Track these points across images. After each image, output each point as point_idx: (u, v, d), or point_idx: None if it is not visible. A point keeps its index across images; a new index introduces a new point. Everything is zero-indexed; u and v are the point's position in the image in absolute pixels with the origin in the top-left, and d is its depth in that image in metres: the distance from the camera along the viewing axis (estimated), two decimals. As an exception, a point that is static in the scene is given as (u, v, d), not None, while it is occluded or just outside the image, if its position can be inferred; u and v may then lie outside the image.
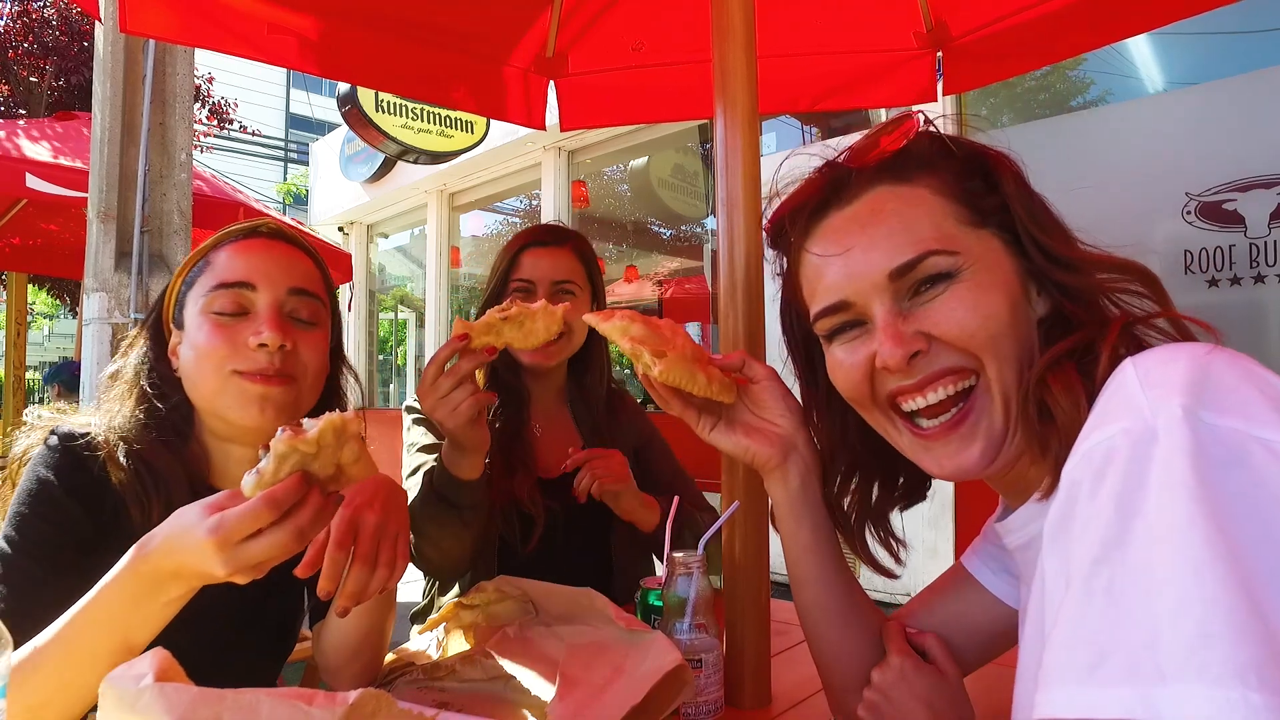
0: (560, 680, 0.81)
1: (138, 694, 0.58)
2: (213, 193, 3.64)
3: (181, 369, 0.99)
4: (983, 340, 0.65)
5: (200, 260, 1.01)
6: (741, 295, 1.03)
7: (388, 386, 9.39)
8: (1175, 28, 1.57)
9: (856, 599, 0.86)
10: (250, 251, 1.00)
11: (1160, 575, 0.42)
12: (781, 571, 0.88)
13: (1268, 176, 2.85)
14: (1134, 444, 0.46)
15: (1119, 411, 0.49)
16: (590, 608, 0.99)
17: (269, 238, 1.03)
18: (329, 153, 8.50)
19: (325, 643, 1.03)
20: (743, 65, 1.03)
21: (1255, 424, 0.45)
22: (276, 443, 0.68)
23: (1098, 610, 0.44)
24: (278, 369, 0.95)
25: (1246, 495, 0.43)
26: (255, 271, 0.98)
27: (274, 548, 0.68)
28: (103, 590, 0.72)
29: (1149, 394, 0.48)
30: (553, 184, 6.18)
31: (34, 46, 8.18)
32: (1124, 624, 0.42)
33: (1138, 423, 0.47)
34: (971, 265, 0.66)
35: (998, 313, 0.65)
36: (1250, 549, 0.41)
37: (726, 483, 1.03)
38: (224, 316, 0.95)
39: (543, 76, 1.94)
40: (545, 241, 1.50)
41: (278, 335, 0.94)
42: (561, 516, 1.42)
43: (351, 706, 0.60)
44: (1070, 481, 0.50)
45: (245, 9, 1.46)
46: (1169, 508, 0.43)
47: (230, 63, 13.62)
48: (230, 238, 1.02)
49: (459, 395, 1.05)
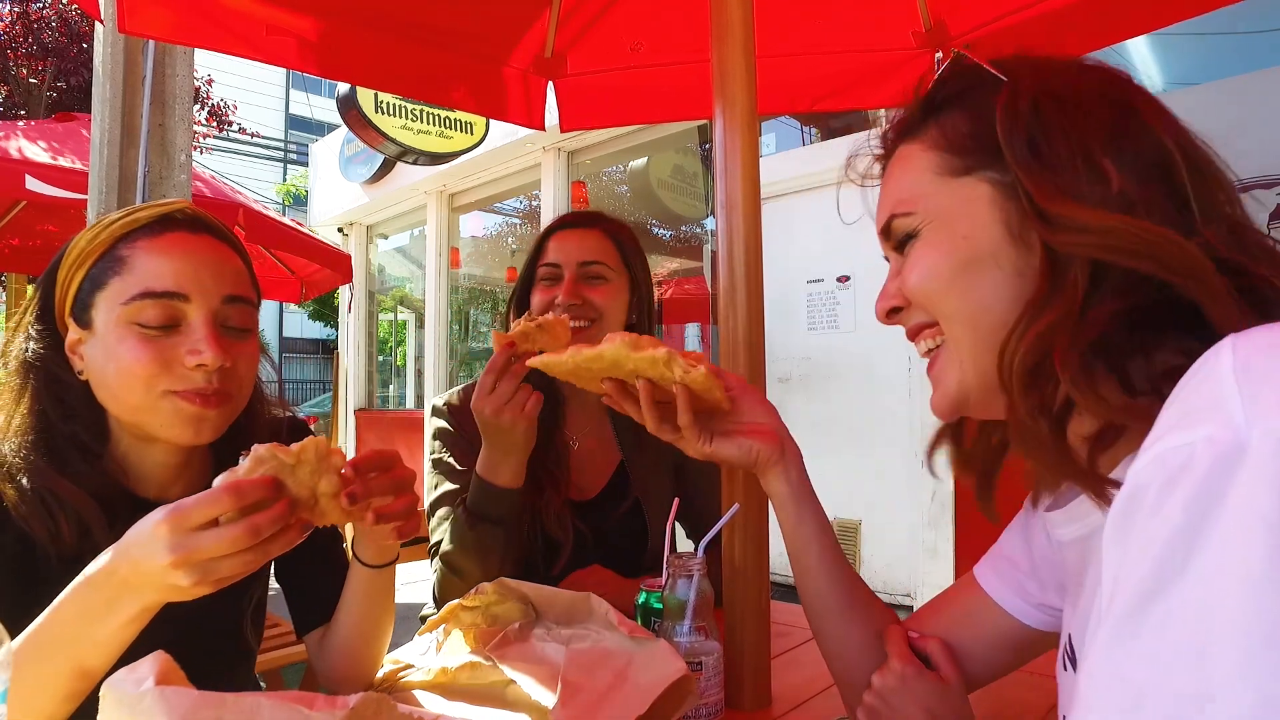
0: (562, 686, 0.81)
1: (138, 698, 0.57)
2: (212, 194, 3.64)
3: (91, 373, 0.87)
4: (922, 297, 0.65)
5: (105, 251, 0.86)
6: (741, 296, 1.02)
7: (387, 387, 9.39)
8: (1175, 28, 1.57)
9: (858, 590, 0.87)
10: (175, 251, 0.87)
11: (1220, 624, 0.36)
12: (781, 573, 0.88)
13: (1268, 176, 2.85)
14: (1215, 459, 0.38)
15: (1205, 411, 0.40)
16: (591, 612, 0.99)
17: (190, 230, 0.90)
18: (328, 154, 8.50)
19: (324, 647, 1.03)
20: (742, 65, 1.03)
21: None
22: (258, 448, 0.68)
23: (1144, 647, 0.38)
24: (215, 388, 0.87)
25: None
26: (186, 279, 0.86)
27: (227, 542, 0.64)
28: (53, 612, 0.69)
29: (1245, 393, 0.39)
30: (552, 185, 6.18)
31: (33, 48, 8.18)
32: (1172, 669, 0.37)
33: (1225, 431, 0.38)
34: (930, 222, 0.65)
35: (936, 270, 0.64)
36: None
37: (726, 485, 1.02)
38: (152, 330, 0.84)
39: (542, 77, 1.94)
40: (571, 224, 1.43)
41: (219, 355, 0.85)
42: (591, 539, 1.36)
43: (352, 710, 0.59)
44: (1137, 485, 0.42)
45: (244, 9, 1.46)
46: (1243, 546, 0.36)
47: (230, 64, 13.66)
48: (143, 228, 0.88)
49: (522, 395, 1.10)
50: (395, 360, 9.66)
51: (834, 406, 4.41)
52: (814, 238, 4.41)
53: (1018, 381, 0.58)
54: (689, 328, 6.26)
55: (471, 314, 8.13)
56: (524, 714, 0.88)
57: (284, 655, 2.19)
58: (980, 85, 0.65)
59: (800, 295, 4.51)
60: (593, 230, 1.42)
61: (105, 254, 0.86)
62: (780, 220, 4.39)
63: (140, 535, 0.66)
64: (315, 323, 18.87)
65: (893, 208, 0.68)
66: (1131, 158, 0.57)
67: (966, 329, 0.63)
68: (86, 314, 0.86)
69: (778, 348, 4.54)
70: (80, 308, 0.87)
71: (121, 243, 0.87)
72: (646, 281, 1.46)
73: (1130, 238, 0.53)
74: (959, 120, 0.65)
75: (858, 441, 4.33)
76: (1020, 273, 0.60)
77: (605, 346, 0.81)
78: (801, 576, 0.87)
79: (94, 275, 0.86)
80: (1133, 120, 0.59)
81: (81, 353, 0.87)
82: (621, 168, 6.64)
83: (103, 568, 0.68)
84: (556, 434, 1.40)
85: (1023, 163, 0.59)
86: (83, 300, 0.86)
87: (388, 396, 9.17)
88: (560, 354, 0.85)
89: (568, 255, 1.38)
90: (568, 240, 1.40)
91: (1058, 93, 0.60)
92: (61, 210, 3.97)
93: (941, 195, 0.65)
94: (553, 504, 1.32)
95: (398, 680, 1.02)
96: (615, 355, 0.81)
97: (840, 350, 4.35)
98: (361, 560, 0.96)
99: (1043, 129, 0.59)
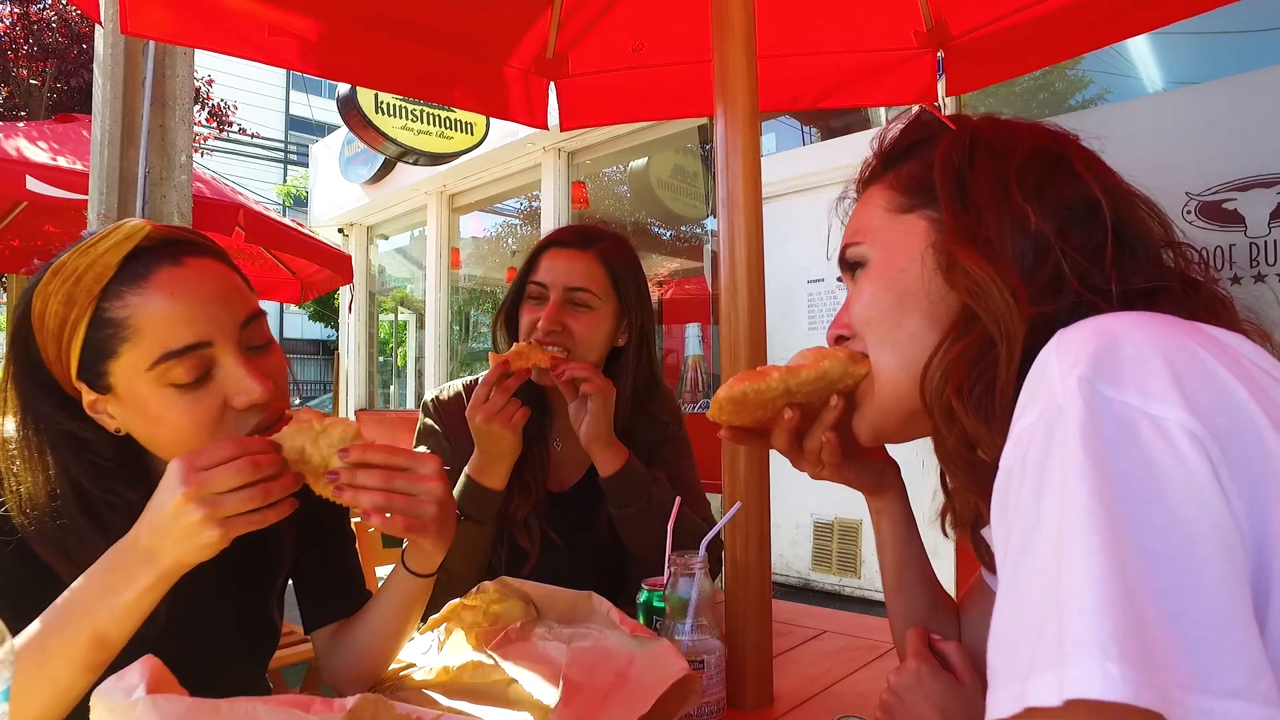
0: (564, 685, 0.81)
1: (129, 706, 0.57)
2: (213, 195, 3.64)
3: (131, 428, 0.82)
4: (861, 325, 0.71)
5: (93, 316, 0.77)
6: (743, 295, 1.02)
7: (388, 388, 9.39)
8: (1175, 27, 1.57)
9: (948, 606, 0.91)
10: (176, 296, 0.79)
11: (1055, 560, 0.42)
12: (782, 573, 0.88)
13: (1268, 176, 2.85)
14: (1047, 425, 0.45)
15: (1039, 391, 0.48)
16: (592, 611, 0.99)
17: (171, 261, 0.80)
18: (329, 154, 8.51)
19: (338, 644, 1.03)
20: (743, 65, 1.03)
21: (1151, 399, 0.43)
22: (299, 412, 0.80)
23: (1013, 602, 0.45)
24: (272, 411, 0.85)
25: (1134, 474, 0.42)
26: (201, 323, 0.79)
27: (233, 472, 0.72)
28: (78, 583, 0.72)
29: (1062, 366, 0.47)
30: (552, 185, 6.18)
31: (34, 49, 8.18)
32: (1026, 614, 0.43)
33: (1051, 400, 0.46)
34: (876, 255, 0.71)
35: (875, 301, 0.70)
36: (1129, 529, 0.41)
37: (728, 484, 1.02)
38: (189, 388, 0.79)
39: (543, 78, 1.94)
40: (567, 243, 1.40)
41: (266, 388, 0.81)
42: (564, 549, 1.38)
43: (349, 712, 0.59)
44: (1003, 469, 0.49)
45: (245, 10, 1.46)
46: (1062, 489, 0.43)
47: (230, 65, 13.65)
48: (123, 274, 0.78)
49: (510, 408, 1.21)
50: (396, 361, 9.67)
51: (834, 406, 4.39)
52: (814, 238, 4.41)
53: (939, 407, 0.62)
54: (689, 328, 6.27)
55: (472, 314, 8.14)
56: (526, 713, 0.88)
57: (284, 656, 2.19)
58: (935, 136, 0.71)
59: (801, 295, 4.52)
60: (586, 253, 1.39)
61: (94, 318, 0.77)
62: (780, 220, 4.39)
63: (159, 490, 0.73)
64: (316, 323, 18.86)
65: (848, 238, 0.75)
66: (1053, 202, 0.62)
67: (892, 356, 0.69)
68: (101, 380, 0.79)
69: (778, 347, 4.51)
70: (90, 375, 0.79)
71: (106, 302, 0.77)
72: (640, 305, 1.43)
73: (983, 289, 0.59)
74: (913, 166, 0.72)
75: (858, 441, 4.30)
76: (944, 302, 0.65)
77: (828, 364, 0.73)
78: (898, 591, 0.90)
79: (94, 344, 0.78)
80: (1061, 169, 0.64)
81: (108, 410, 0.81)
82: (622, 168, 6.64)
83: (126, 538, 0.73)
84: (539, 445, 1.42)
85: (950, 201, 0.65)
86: (90, 368, 0.79)
87: (389, 396, 9.17)
88: (764, 379, 0.75)
89: (555, 277, 1.36)
90: (559, 260, 1.38)
91: (993, 142, 0.67)
92: (62, 211, 3.97)
93: (888, 230, 0.71)
94: (522, 508, 1.35)
95: (401, 679, 1.03)
96: (840, 372, 0.73)
97: (841, 350, 4.35)
98: (407, 566, 0.98)
99: (972, 171, 0.65)
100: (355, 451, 0.80)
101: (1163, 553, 0.40)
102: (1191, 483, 0.41)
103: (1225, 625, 0.39)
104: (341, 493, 0.81)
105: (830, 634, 1.27)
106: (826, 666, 1.12)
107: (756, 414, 0.79)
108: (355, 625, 1.03)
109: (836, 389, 0.75)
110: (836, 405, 0.76)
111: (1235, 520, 0.41)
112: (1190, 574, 0.40)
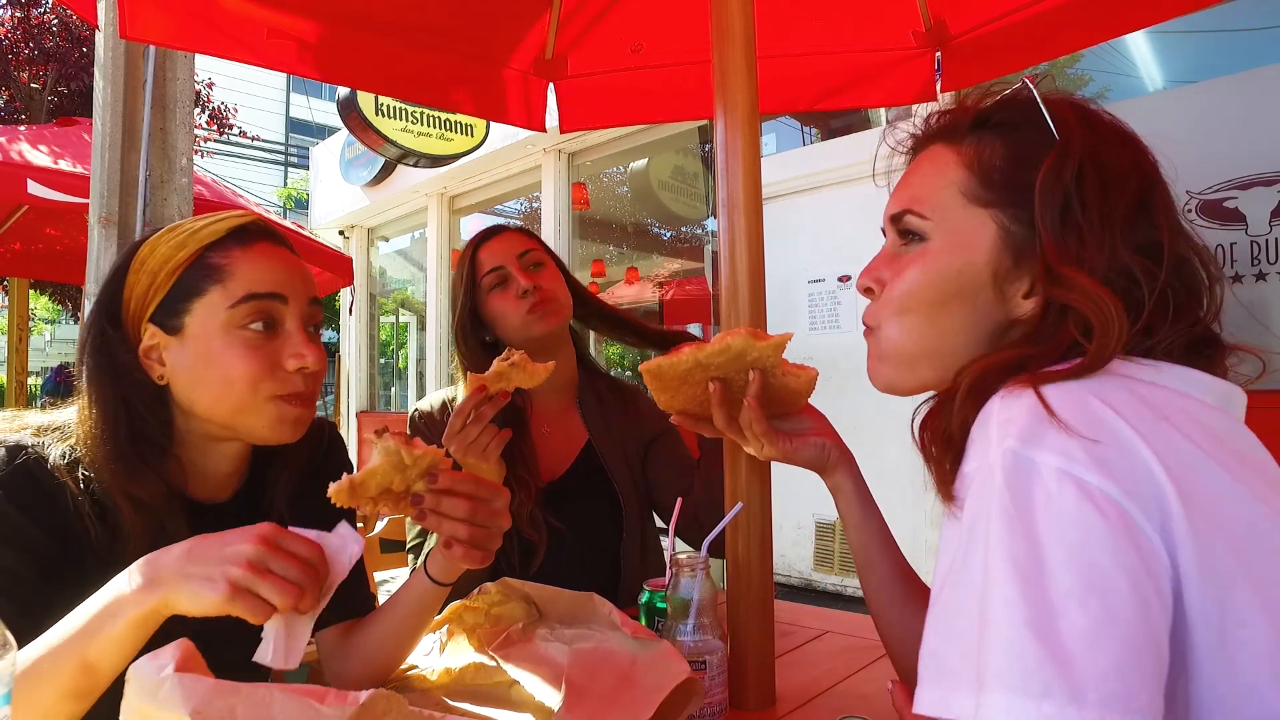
0: (566, 688, 0.81)
1: (158, 683, 0.59)
2: (213, 198, 3.64)
3: (176, 377, 0.89)
4: (893, 301, 0.71)
5: (195, 260, 0.89)
6: (744, 295, 1.02)
7: (389, 390, 9.39)
8: (1174, 25, 1.57)
9: (915, 583, 0.91)
10: (269, 258, 0.92)
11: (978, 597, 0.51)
12: (784, 573, 0.88)
13: (1268, 174, 2.84)
14: (981, 480, 0.54)
15: (980, 444, 0.57)
16: (594, 612, 0.99)
17: (270, 241, 0.94)
18: (329, 157, 8.51)
19: (346, 645, 1.03)
20: (742, 65, 1.03)
21: (1073, 462, 0.51)
22: (388, 438, 0.78)
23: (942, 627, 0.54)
24: (309, 390, 0.92)
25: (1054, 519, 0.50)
26: (283, 282, 0.91)
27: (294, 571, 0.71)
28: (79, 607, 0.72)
29: (1000, 430, 0.55)
30: (553, 186, 6.18)
31: (35, 52, 8.19)
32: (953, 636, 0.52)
33: (985, 458, 0.55)
34: (937, 241, 0.70)
35: (920, 290, 0.70)
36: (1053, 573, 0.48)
37: (730, 483, 1.03)
38: (258, 335, 0.88)
39: (542, 79, 1.94)
40: (490, 234, 1.51)
41: (319, 357, 0.91)
42: (566, 533, 1.41)
43: (363, 706, 0.60)
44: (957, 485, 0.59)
45: (244, 14, 1.46)
46: (989, 535, 0.51)
47: (230, 68, 13.66)
48: (231, 237, 0.91)
49: (485, 438, 1.15)
50: (397, 363, 9.67)
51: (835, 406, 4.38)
52: (814, 238, 4.42)
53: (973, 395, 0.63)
54: (690, 328, 6.27)
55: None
56: (528, 714, 0.88)
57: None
58: (1029, 125, 0.68)
59: (801, 295, 4.52)
60: (510, 231, 1.50)
61: (195, 262, 0.89)
62: (780, 220, 4.39)
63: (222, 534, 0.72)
64: (317, 325, 18.81)
65: (911, 203, 0.72)
66: (1137, 236, 0.64)
67: (910, 340, 0.71)
68: (176, 320, 0.88)
69: (779, 348, 4.51)
70: (168, 314, 0.89)
71: (211, 252, 0.90)
72: (565, 267, 1.55)
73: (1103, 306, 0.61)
74: (998, 149, 0.68)
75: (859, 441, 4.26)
76: (989, 309, 0.68)
77: (730, 339, 0.83)
78: (866, 570, 0.91)
79: (186, 283, 0.88)
80: (1148, 203, 0.65)
81: (162, 358, 0.89)
82: (622, 169, 6.64)
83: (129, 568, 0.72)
84: (524, 440, 1.44)
85: (1050, 225, 0.64)
86: (172, 307, 0.88)
87: (390, 398, 9.17)
88: (677, 354, 0.85)
89: (503, 256, 1.45)
90: (496, 244, 1.48)
91: (1101, 164, 0.65)
92: (63, 214, 3.97)
93: (957, 216, 0.69)
94: (524, 506, 1.37)
95: (405, 680, 1.03)
96: (742, 346, 0.82)
97: (841, 350, 4.35)
98: (428, 572, 0.99)
99: (1080, 199, 0.64)
100: (444, 480, 0.84)
101: (1076, 593, 0.48)
102: (1108, 534, 0.49)
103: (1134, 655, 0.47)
104: (424, 518, 0.85)
105: (832, 634, 1.28)
106: (829, 667, 1.12)
107: (687, 392, 0.90)
108: (367, 628, 1.04)
109: (748, 363, 0.84)
110: (755, 379, 0.86)
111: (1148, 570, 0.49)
112: (1104, 610, 0.47)
